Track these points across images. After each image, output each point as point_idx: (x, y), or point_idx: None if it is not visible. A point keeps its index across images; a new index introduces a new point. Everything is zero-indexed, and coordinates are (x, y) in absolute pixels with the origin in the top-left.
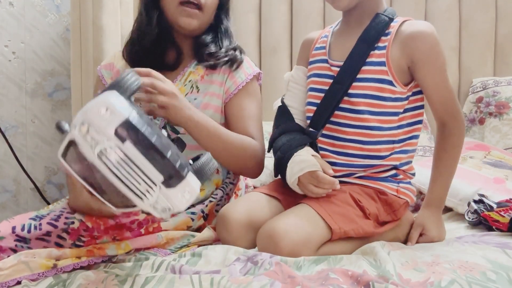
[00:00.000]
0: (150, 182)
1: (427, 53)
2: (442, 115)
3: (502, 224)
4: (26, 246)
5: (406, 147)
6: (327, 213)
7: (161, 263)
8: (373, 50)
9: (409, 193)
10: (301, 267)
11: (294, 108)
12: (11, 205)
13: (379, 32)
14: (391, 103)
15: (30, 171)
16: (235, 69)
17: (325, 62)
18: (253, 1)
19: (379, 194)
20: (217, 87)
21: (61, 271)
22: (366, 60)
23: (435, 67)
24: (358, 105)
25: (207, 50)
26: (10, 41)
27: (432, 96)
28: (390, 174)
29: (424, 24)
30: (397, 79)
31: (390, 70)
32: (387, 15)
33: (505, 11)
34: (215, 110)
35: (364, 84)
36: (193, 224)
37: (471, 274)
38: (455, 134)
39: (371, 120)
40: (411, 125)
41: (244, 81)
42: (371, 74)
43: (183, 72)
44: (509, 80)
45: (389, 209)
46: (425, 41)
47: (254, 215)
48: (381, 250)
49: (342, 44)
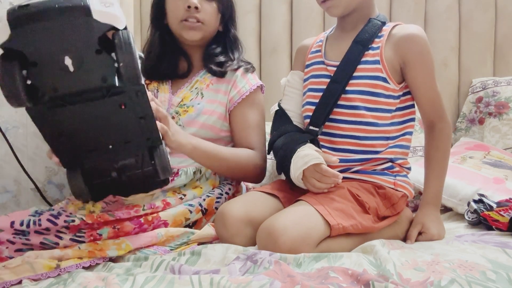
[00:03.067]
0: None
1: (418, 54)
2: (430, 116)
3: (502, 224)
4: (25, 238)
5: (400, 142)
6: (325, 210)
7: (160, 263)
8: (367, 50)
9: (407, 186)
10: (301, 263)
11: (292, 111)
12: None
13: (372, 35)
14: (384, 99)
15: (30, 171)
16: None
17: (322, 64)
18: (253, 1)
19: (377, 189)
20: (221, 96)
21: (64, 271)
22: (361, 60)
23: (425, 68)
24: (354, 101)
25: (216, 60)
26: None
27: (421, 96)
28: (386, 166)
29: (416, 27)
30: (390, 76)
31: (384, 67)
32: (379, 20)
33: (505, 11)
34: (218, 116)
35: (360, 81)
36: (190, 216)
37: (471, 273)
38: (444, 133)
39: (367, 116)
40: (402, 123)
41: (247, 91)
42: (366, 72)
43: (190, 80)
44: (508, 80)
45: (388, 203)
46: (417, 43)
47: (252, 212)
48: (381, 249)
49: (337, 46)
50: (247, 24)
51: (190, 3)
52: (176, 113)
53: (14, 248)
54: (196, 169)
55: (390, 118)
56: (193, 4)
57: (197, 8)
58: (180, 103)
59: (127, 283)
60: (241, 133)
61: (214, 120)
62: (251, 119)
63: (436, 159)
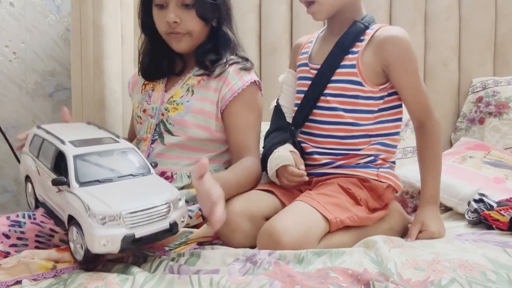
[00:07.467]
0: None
1: (399, 56)
2: (418, 115)
3: (502, 223)
4: (20, 231)
5: (384, 141)
6: (321, 206)
7: (159, 264)
8: (347, 54)
9: (391, 177)
10: (302, 259)
11: (287, 108)
12: (11, 205)
13: (353, 39)
14: (364, 101)
15: None
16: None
17: (306, 66)
18: (253, 1)
19: (362, 182)
20: (211, 93)
21: (61, 272)
22: (340, 64)
23: (408, 70)
24: (332, 103)
25: (208, 58)
26: (11, 41)
27: (407, 97)
28: (369, 160)
29: (397, 29)
30: (366, 80)
31: (359, 71)
32: (363, 23)
33: (505, 11)
34: (208, 116)
35: (336, 85)
36: (190, 221)
37: (471, 274)
38: (434, 131)
39: (346, 116)
40: (389, 122)
41: (240, 88)
42: (343, 76)
43: (184, 77)
44: (509, 80)
45: (374, 195)
46: (397, 45)
47: (251, 207)
48: (383, 246)
49: (322, 49)
50: (247, 24)
51: (168, 19)
52: (165, 109)
53: (9, 243)
54: (189, 173)
55: (373, 118)
56: (171, 19)
57: (176, 22)
58: (170, 100)
59: (127, 283)
60: (235, 136)
61: (205, 119)
62: (246, 119)
63: (429, 157)
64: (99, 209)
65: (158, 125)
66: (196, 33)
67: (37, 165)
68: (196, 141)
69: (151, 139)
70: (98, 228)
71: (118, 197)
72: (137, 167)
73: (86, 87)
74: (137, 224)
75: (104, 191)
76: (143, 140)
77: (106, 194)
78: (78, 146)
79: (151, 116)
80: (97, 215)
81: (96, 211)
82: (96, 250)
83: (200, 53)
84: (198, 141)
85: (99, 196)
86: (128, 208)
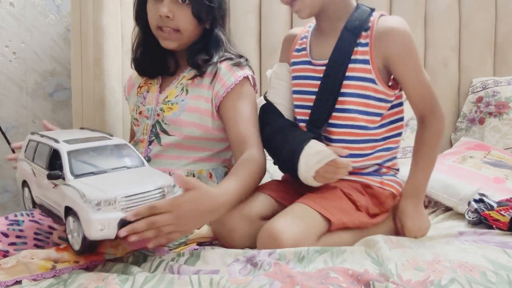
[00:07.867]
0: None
1: (399, 50)
2: (420, 110)
3: (503, 223)
4: (18, 229)
5: (388, 145)
6: (323, 208)
7: (159, 264)
8: (356, 46)
9: (394, 184)
10: (303, 257)
11: (282, 105)
12: (11, 205)
13: (362, 23)
14: (375, 102)
15: None
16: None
17: (309, 64)
18: (253, 1)
19: (365, 188)
20: (205, 91)
21: (60, 272)
22: (351, 58)
23: (409, 63)
24: (347, 104)
25: (199, 58)
26: (11, 41)
27: (410, 92)
28: (373, 169)
29: (396, 21)
30: (379, 78)
31: (373, 68)
32: (367, 6)
33: (505, 11)
34: (203, 113)
35: (352, 82)
36: None
37: (471, 274)
38: (434, 127)
39: (359, 119)
40: (392, 123)
41: (233, 83)
42: (356, 72)
43: (178, 76)
44: (509, 80)
45: (376, 201)
46: (397, 39)
47: (248, 207)
48: (383, 246)
49: (322, 44)
50: (247, 24)
51: (161, 12)
52: (160, 110)
53: (8, 242)
54: (188, 173)
55: (379, 120)
56: (164, 13)
57: (168, 17)
58: (165, 100)
59: (127, 283)
60: (234, 128)
61: (201, 117)
62: (244, 111)
63: (423, 152)
64: (95, 195)
65: (154, 126)
66: (187, 32)
67: (32, 167)
68: (193, 140)
69: (148, 141)
70: (94, 213)
71: (113, 184)
72: (130, 160)
73: (86, 87)
74: (132, 208)
75: (99, 180)
76: (140, 142)
77: (101, 182)
78: (72, 143)
79: (147, 117)
80: (93, 201)
81: (92, 197)
82: (94, 235)
83: (192, 52)
84: (194, 139)
85: (94, 185)
86: (123, 192)
